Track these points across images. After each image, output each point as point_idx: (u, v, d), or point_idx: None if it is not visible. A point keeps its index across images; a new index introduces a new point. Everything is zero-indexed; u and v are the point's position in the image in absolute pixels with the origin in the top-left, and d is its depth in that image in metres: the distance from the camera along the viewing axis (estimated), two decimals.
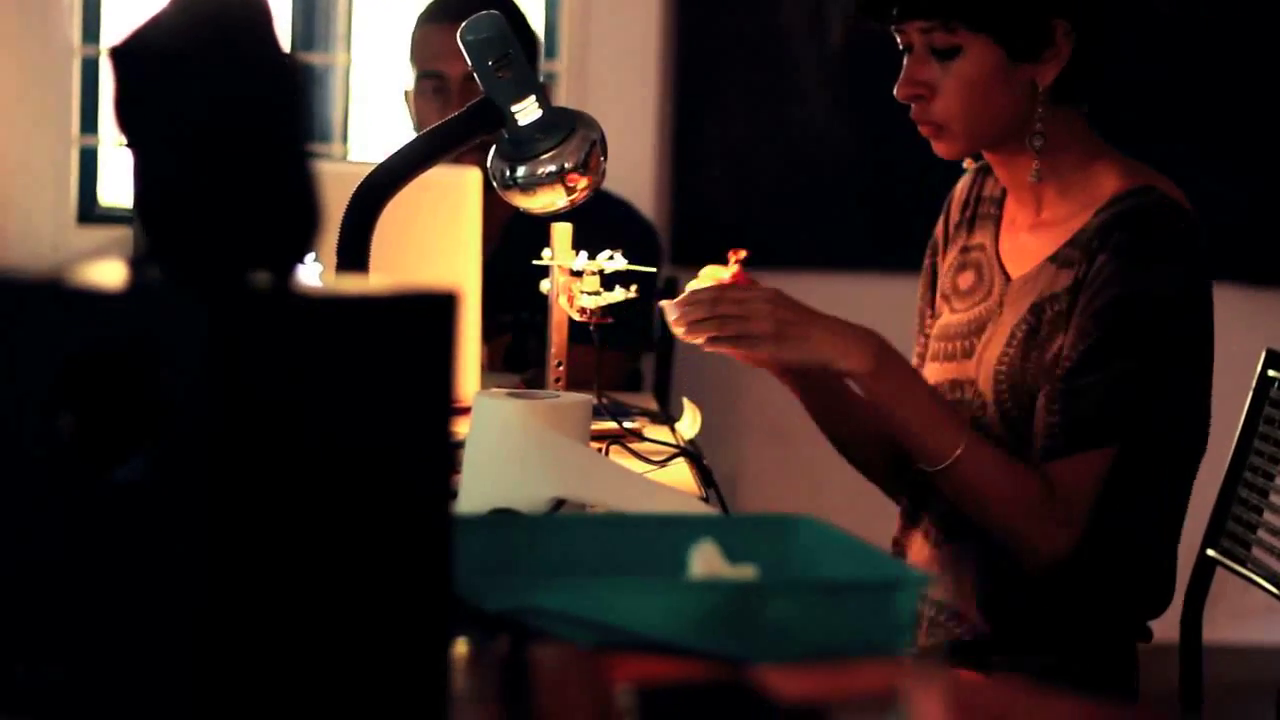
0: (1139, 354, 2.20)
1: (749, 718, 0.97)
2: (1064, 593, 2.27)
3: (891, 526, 2.49)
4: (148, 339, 1.02)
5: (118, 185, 4.51)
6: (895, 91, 2.28)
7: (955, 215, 2.49)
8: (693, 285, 2.32)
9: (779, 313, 2.18)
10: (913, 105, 2.29)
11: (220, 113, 1.10)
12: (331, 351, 1.07)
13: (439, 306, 1.13)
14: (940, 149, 2.31)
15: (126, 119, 1.11)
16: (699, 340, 2.23)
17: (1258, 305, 4.28)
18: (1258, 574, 2.38)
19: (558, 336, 2.56)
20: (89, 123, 4.54)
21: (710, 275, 2.32)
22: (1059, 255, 2.28)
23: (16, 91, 4.47)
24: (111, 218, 4.48)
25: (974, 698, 0.80)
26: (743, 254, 2.31)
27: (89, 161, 4.58)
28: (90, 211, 4.57)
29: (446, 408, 1.14)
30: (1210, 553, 2.46)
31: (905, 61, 2.29)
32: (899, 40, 2.31)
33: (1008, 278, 2.35)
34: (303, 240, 1.12)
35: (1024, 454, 2.23)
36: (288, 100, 1.13)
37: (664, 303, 2.27)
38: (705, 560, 1.34)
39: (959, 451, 2.17)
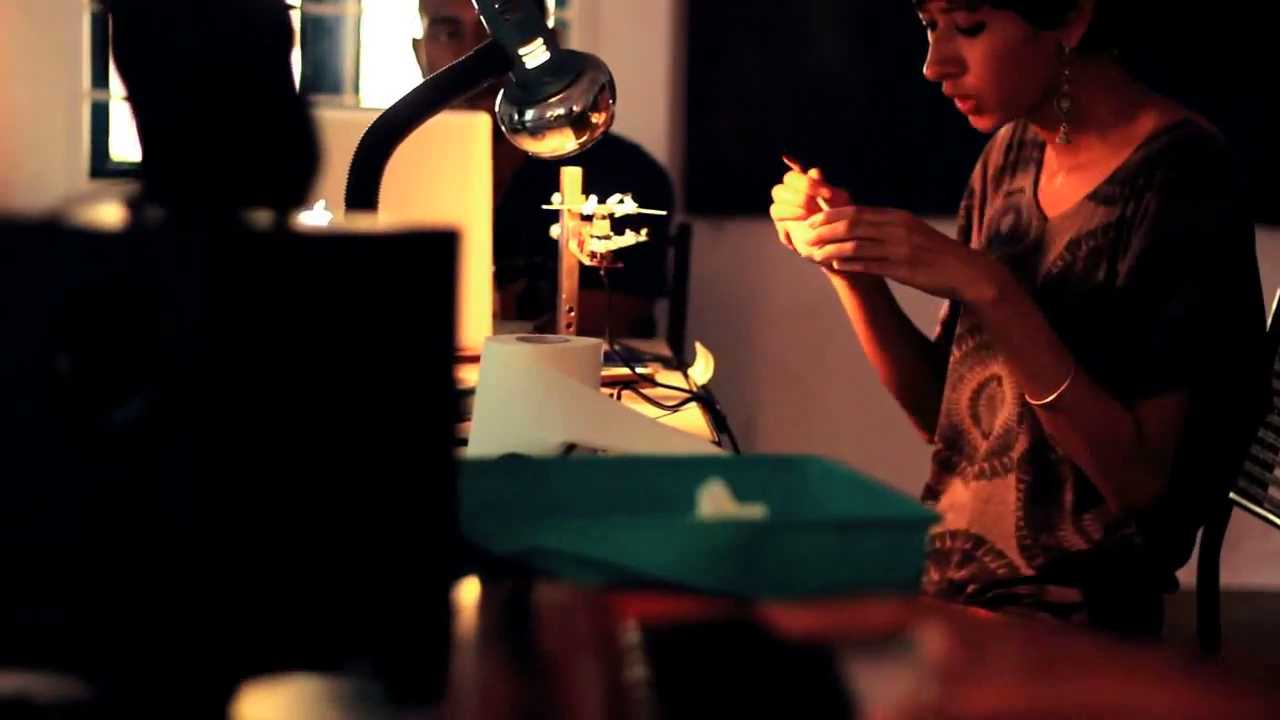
0: (1200, 285, 2.21)
1: (756, 654, 0.96)
2: (1106, 537, 2.28)
3: (909, 470, 2.49)
4: (145, 278, 1.00)
5: (129, 139, 4.50)
6: (925, 71, 2.28)
7: (998, 160, 2.49)
8: (779, 203, 2.33)
9: (914, 238, 2.18)
10: (944, 83, 2.29)
11: (214, 53, 1.08)
12: (332, 290, 1.06)
13: (442, 243, 1.12)
14: (978, 123, 2.32)
15: (121, 59, 1.10)
16: (831, 261, 2.23)
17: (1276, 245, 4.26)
18: (1276, 515, 2.37)
19: (568, 282, 2.55)
20: (100, 77, 4.53)
21: (791, 187, 2.33)
22: (1098, 193, 2.28)
23: (27, 46, 4.46)
24: (124, 172, 4.47)
25: (985, 635, 0.79)
26: (813, 171, 2.32)
27: (100, 116, 4.57)
28: (102, 166, 4.57)
29: (451, 347, 1.12)
30: (1229, 494, 2.44)
31: (931, 39, 2.28)
32: (922, 18, 2.30)
33: (1045, 218, 2.35)
34: (302, 181, 1.11)
35: None
36: (281, 41, 1.12)
37: (790, 224, 2.28)
38: (714, 500, 1.33)
39: (1065, 385, 2.18)
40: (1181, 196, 2.22)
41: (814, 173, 2.33)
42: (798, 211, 2.32)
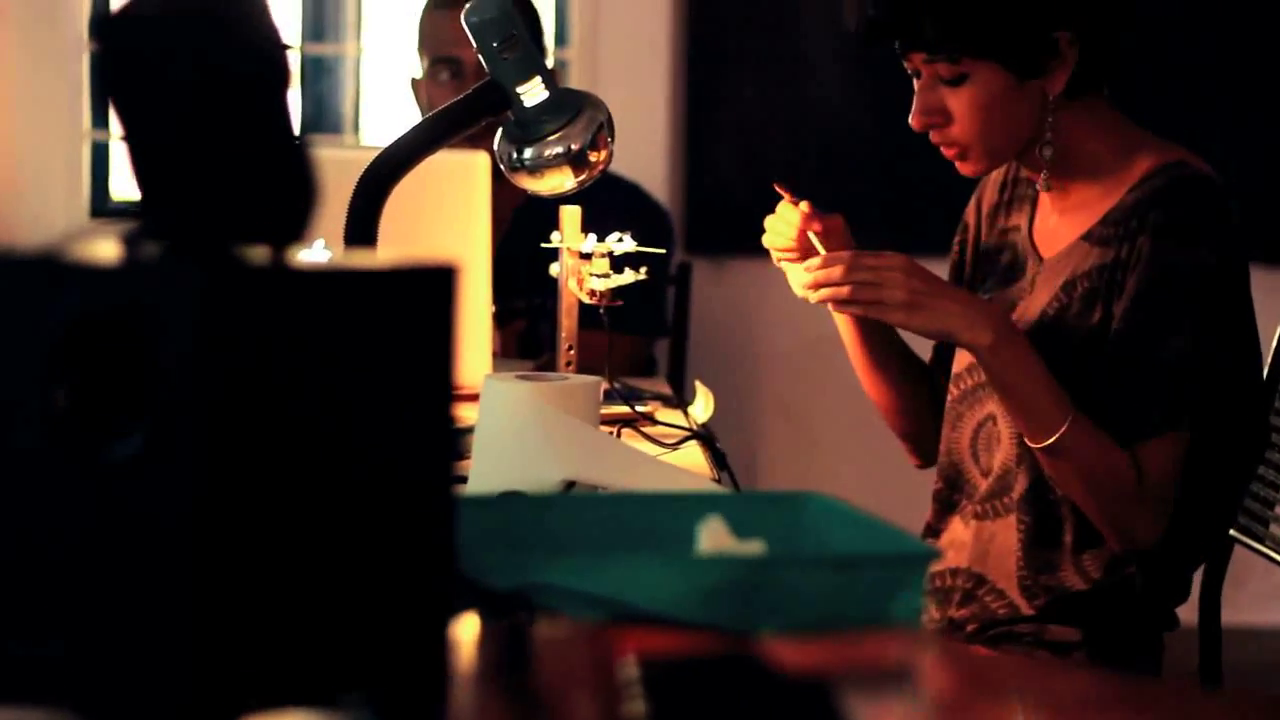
0: (1196, 327, 2.20)
1: (755, 689, 0.95)
2: (1106, 576, 2.28)
3: (910, 509, 2.48)
4: (143, 312, 1.00)
5: (127, 177, 4.51)
6: (910, 121, 2.28)
7: (992, 196, 2.49)
8: (770, 232, 2.33)
9: (912, 282, 2.18)
10: (930, 132, 2.29)
11: (210, 90, 1.08)
12: (329, 324, 1.05)
13: (439, 279, 1.12)
14: (965, 169, 2.32)
15: (118, 95, 1.10)
16: (827, 303, 2.23)
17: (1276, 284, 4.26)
18: (1278, 552, 2.36)
19: (568, 320, 2.55)
20: (100, 117, 4.53)
21: (784, 219, 2.33)
22: (1092, 234, 2.28)
23: (28, 86, 4.47)
24: (123, 212, 4.48)
25: (983, 670, 0.78)
26: (804, 205, 2.32)
27: (101, 156, 4.58)
28: (103, 206, 4.57)
29: (448, 382, 1.12)
30: (1229, 531, 2.44)
31: (916, 88, 2.29)
32: (907, 68, 2.30)
33: (1040, 258, 2.35)
34: (299, 219, 1.11)
35: None
36: (277, 79, 1.12)
37: (786, 265, 2.27)
38: (713, 536, 1.33)
39: (1064, 428, 2.18)
40: (1175, 239, 2.22)
41: (804, 206, 2.33)
42: (790, 242, 2.32)
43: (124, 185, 4.57)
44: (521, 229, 3.36)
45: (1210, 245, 2.22)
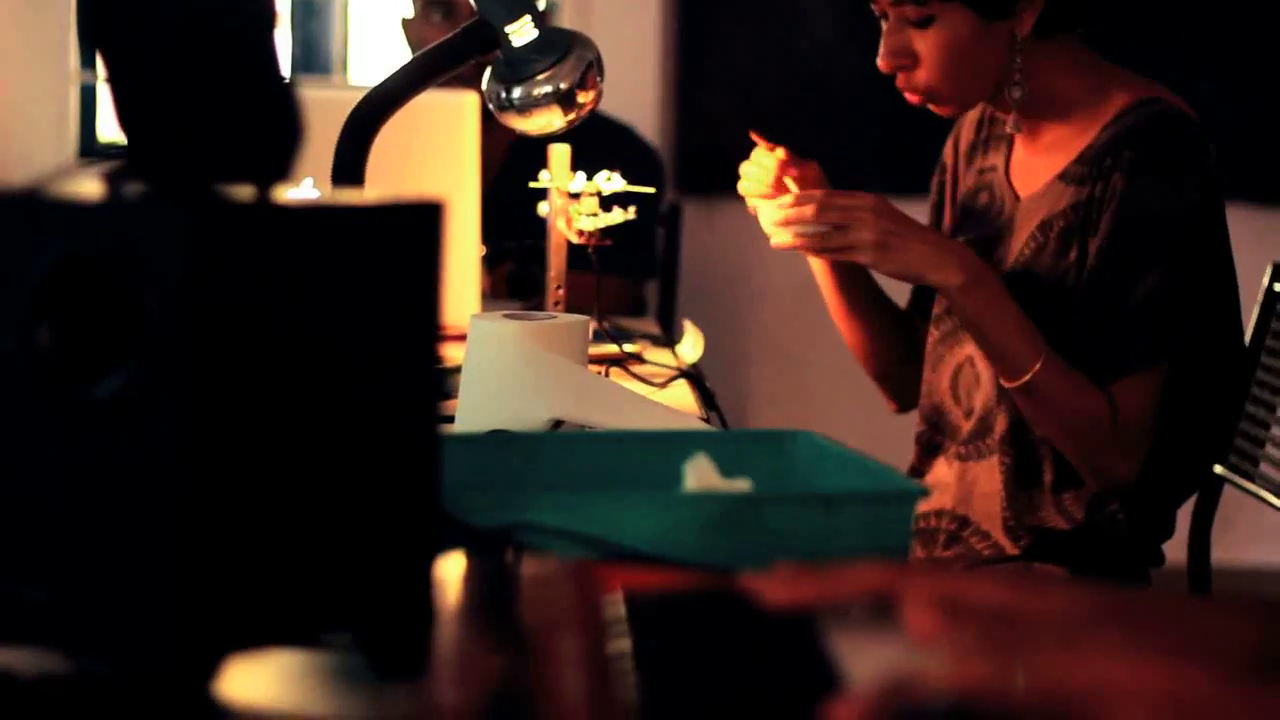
0: (1170, 264, 2.20)
1: (739, 626, 0.95)
2: (1089, 516, 2.28)
3: (900, 450, 2.48)
4: (126, 250, 1.00)
5: (112, 118, 4.49)
6: (878, 64, 2.27)
7: (969, 135, 2.48)
8: (746, 179, 2.32)
9: (882, 223, 2.17)
10: (897, 75, 2.28)
11: (194, 28, 1.07)
12: (314, 262, 1.05)
13: (425, 215, 1.11)
14: (940, 111, 2.31)
15: (101, 34, 1.09)
16: (797, 245, 2.22)
17: (1266, 224, 4.25)
18: (1267, 490, 2.36)
19: (556, 260, 2.54)
20: (88, 59, 4.51)
21: (759, 164, 2.32)
22: (1067, 173, 2.27)
23: (14, 29, 4.44)
24: (112, 153, 4.46)
25: (970, 595, 0.78)
26: (780, 151, 2.31)
27: (88, 98, 4.56)
28: (90, 148, 4.55)
29: (435, 319, 1.12)
30: (1218, 470, 2.44)
31: (883, 31, 2.27)
32: (874, 9, 2.29)
33: (1017, 198, 2.34)
34: (283, 157, 1.10)
35: None
36: (262, 16, 1.11)
37: (758, 202, 2.26)
38: (699, 474, 1.32)
39: (1036, 368, 2.18)
40: (1150, 175, 2.21)
41: (780, 152, 2.32)
42: (765, 188, 2.32)
43: (111, 128, 4.56)
44: (512, 171, 3.35)
45: (1185, 182, 2.22)
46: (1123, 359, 2.21)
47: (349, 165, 2.16)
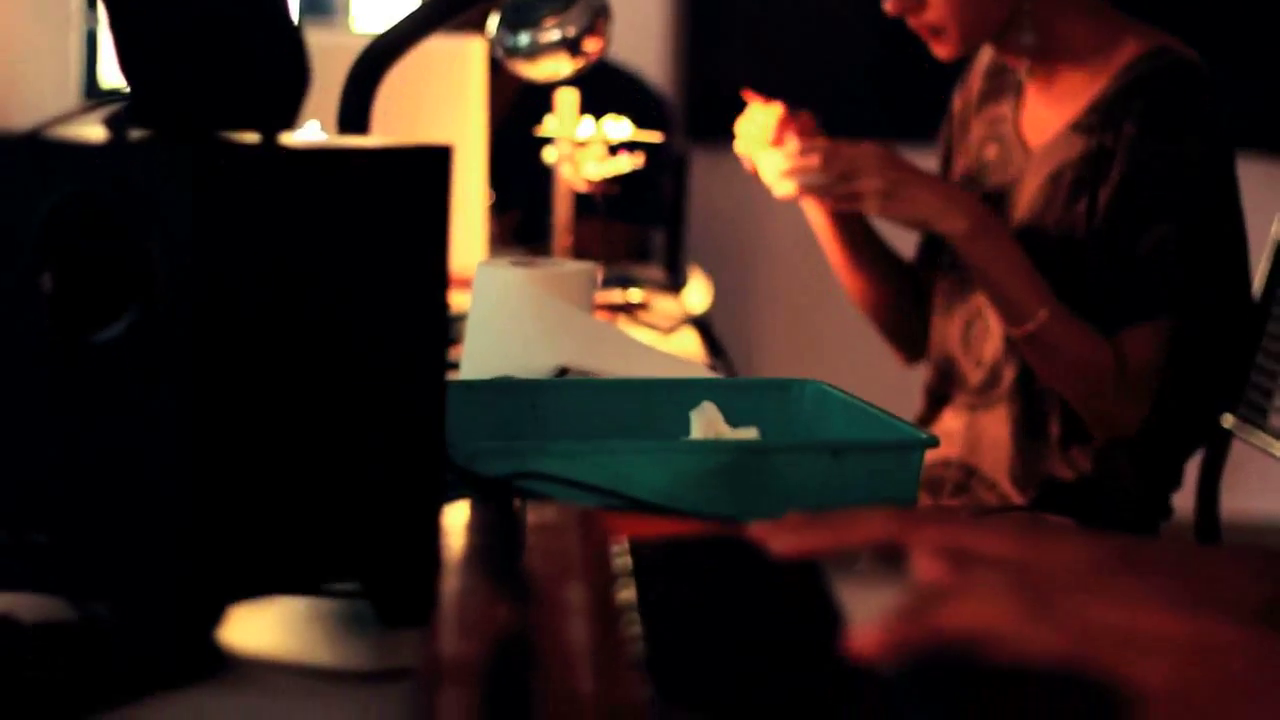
0: (1180, 215, 2.19)
1: (744, 572, 0.95)
2: (1097, 467, 2.28)
3: (907, 398, 2.47)
4: (131, 193, 0.99)
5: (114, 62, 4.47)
6: (886, 6, 2.25)
7: (979, 85, 2.47)
8: (742, 137, 2.30)
9: (887, 172, 2.16)
10: (907, 16, 2.26)
11: None
12: (320, 206, 1.04)
13: (433, 160, 1.10)
14: (939, 50, 2.29)
15: None
16: (802, 195, 2.20)
17: (1277, 174, 4.23)
18: (1278, 441, 2.35)
19: (563, 207, 2.53)
20: (91, 2, 4.49)
21: (754, 120, 2.30)
22: (1078, 123, 2.26)
23: None
24: (115, 98, 4.44)
25: (979, 543, 0.77)
26: (777, 106, 2.29)
27: (91, 43, 4.54)
28: (93, 93, 4.53)
29: (442, 264, 1.11)
30: (1227, 423, 2.43)
31: None
32: None
33: (1027, 150, 2.33)
34: (288, 102, 1.09)
35: None
36: None
37: (760, 154, 2.24)
38: (705, 422, 1.32)
39: (1042, 316, 2.17)
40: (1160, 126, 2.20)
41: (777, 107, 2.30)
42: (764, 146, 2.30)
43: (114, 73, 4.54)
44: (521, 116, 3.33)
45: (1195, 133, 2.21)
46: (1130, 309, 2.21)
47: (355, 111, 2.15)
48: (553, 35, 2.24)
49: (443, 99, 2.66)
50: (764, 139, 2.29)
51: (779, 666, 0.81)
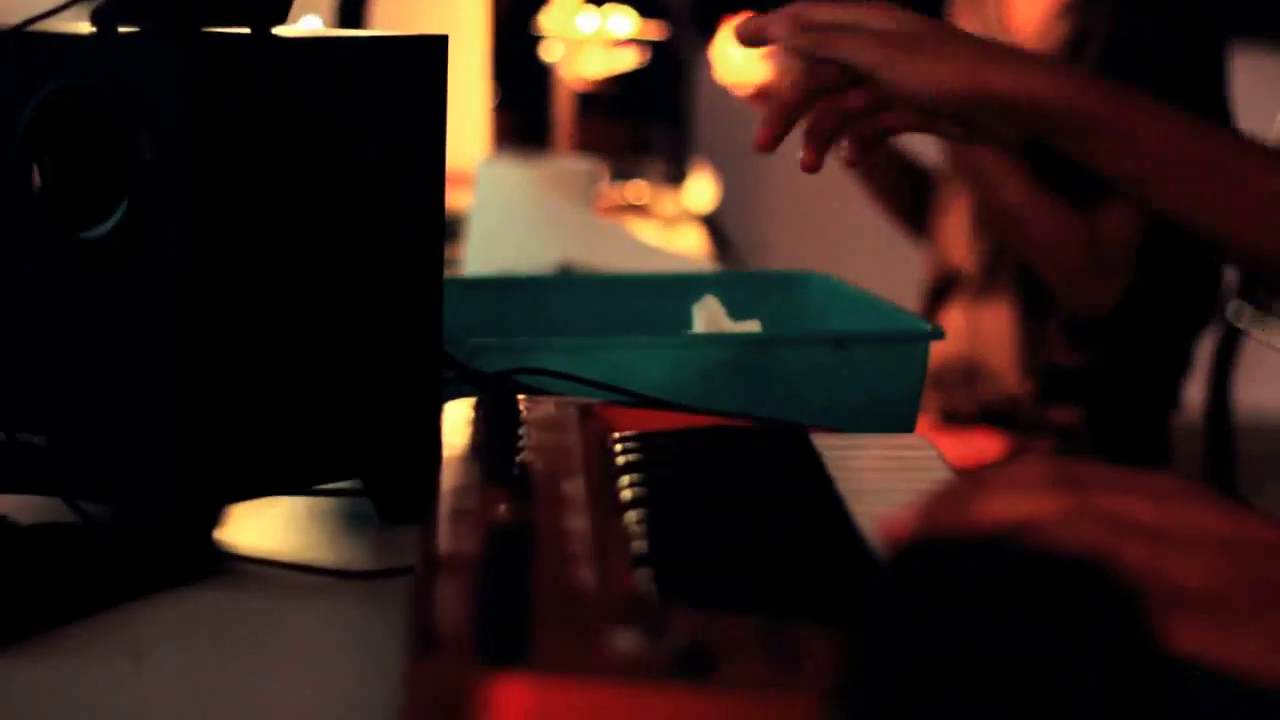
0: (1160, 95, 2.17)
1: (745, 466, 0.94)
2: (1100, 348, 2.27)
3: (915, 293, 2.46)
4: (121, 86, 0.97)
5: None
6: None
7: None
8: (720, 64, 2.27)
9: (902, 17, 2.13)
10: None
11: None
12: (313, 96, 1.02)
13: (429, 49, 1.09)
14: None
15: None
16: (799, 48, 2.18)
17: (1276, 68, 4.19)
18: None
19: (565, 104, 2.51)
20: None
21: (724, 43, 2.27)
22: (1060, 9, 2.24)
23: None
24: None
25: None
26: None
27: None
28: None
29: (439, 159, 1.10)
30: (1236, 310, 2.41)
31: None
32: None
33: (1010, 35, 2.31)
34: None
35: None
36: None
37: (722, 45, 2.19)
38: (707, 316, 1.30)
39: (1013, 187, 2.16)
40: (1140, 11, 2.18)
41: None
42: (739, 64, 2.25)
43: None
44: (520, 13, 3.31)
45: (1178, 13, 2.19)
46: (1102, 185, 2.20)
47: (352, 5, 2.13)
48: None
49: None
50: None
51: (780, 562, 0.80)
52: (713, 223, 2.32)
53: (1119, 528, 0.65)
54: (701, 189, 2.45)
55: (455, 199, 1.92)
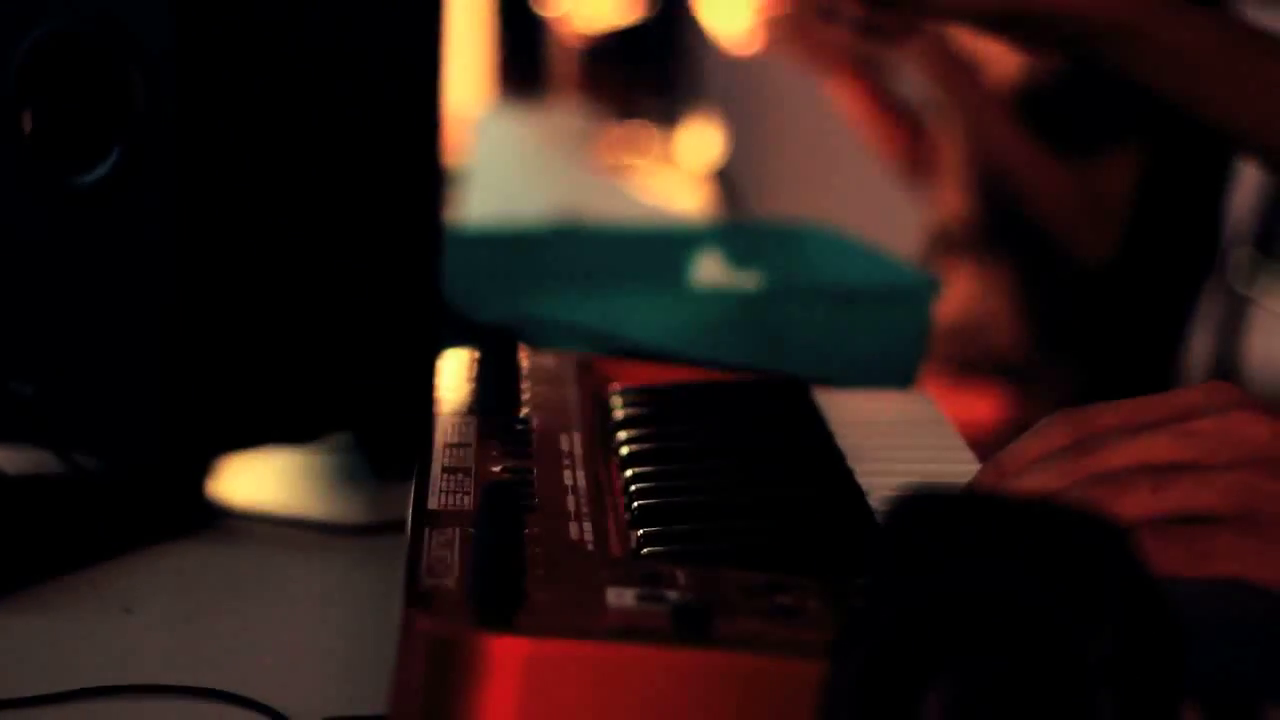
0: None
1: (745, 417, 0.92)
2: (1101, 302, 2.27)
3: (918, 246, 2.46)
4: (112, 28, 0.96)
5: None
6: None
7: None
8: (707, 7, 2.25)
9: None
10: None
11: None
12: (308, 39, 1.01)
13: None
14: None
15: None
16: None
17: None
18: None
19: (568, 54, 2.49)
20: None
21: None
22: None
23: None
24: None
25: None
26: None
27: None
28: None
29: (436, 103, 1.08)
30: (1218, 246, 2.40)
31: None
32: None
33: None
34: None
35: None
36: None
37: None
38: (708, 268, 1.29)
39: (1004, 136, 2.16)
40: None
41: None
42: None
43: None
44: None
45: None
46: (1096, 136, 2.20)
47: None
48: None
49: None
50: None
51: (780, 518, 0.79)
52: (717, 171, 2.30)
53: (1136, 480, 0.64)
54: (706, 137, 2.43)
55: (455, 149, 1.90)
